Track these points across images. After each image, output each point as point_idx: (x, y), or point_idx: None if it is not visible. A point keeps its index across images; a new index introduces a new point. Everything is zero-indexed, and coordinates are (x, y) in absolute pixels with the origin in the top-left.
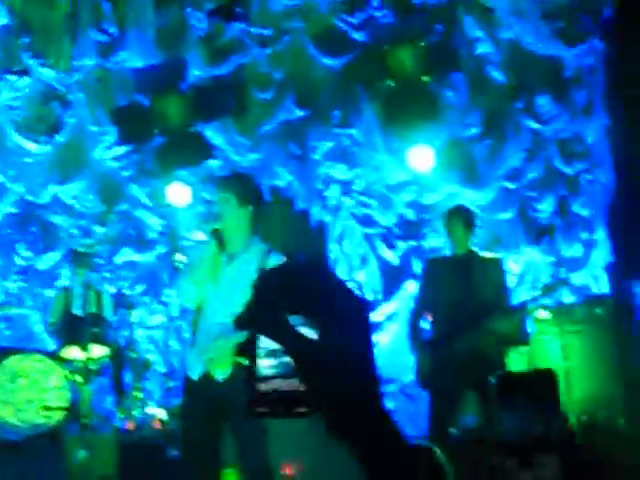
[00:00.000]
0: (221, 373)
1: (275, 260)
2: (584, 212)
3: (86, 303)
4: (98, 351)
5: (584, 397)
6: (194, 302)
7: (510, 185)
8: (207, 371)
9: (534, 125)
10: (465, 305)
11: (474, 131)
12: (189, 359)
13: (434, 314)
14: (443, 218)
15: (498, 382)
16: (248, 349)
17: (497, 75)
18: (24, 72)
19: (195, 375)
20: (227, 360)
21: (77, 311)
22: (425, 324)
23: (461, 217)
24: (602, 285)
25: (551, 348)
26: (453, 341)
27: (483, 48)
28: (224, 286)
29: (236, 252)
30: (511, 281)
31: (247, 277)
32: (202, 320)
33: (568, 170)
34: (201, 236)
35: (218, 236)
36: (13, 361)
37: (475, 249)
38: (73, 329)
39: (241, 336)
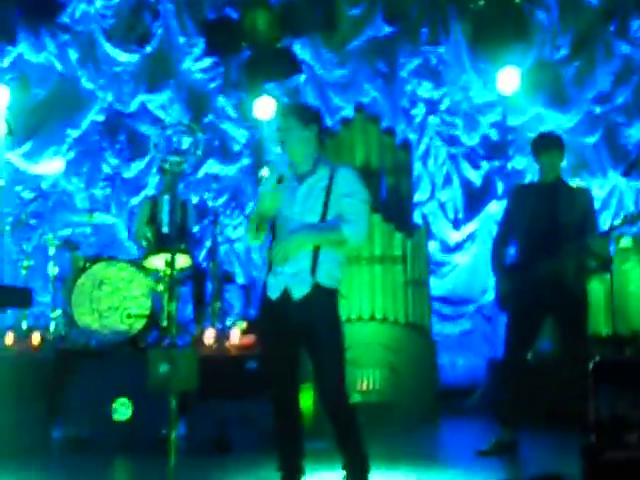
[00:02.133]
0: (298, 292)
1: (344, 175)
2: None
3: (171, 215)
4: (181, 261)
5: None
6: (260, 242)
7: (597, 109)
8: (286, 290)
9: (625, 49)
10: (550, 232)
11: (563, 53)
12: (267, 280)
13: (518, 239)
14: (532, 145)
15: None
16: None
17: None
18: None
19: (274, 295)
20: (306, 282)
21: (161, 221)
22: (509, 248)
23: (550, 145)
24: None
25: (632, 276)
26: (534, 266)
27: None
28: (297, 208)
29: (304, 173)
30: (595, 206)
31: (317, 197)
32: (276, 242)
33: None
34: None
35: (276, 172)
36: (99, 268)
37: (563, 177)
38: (157, 239)
39: (314, 232)
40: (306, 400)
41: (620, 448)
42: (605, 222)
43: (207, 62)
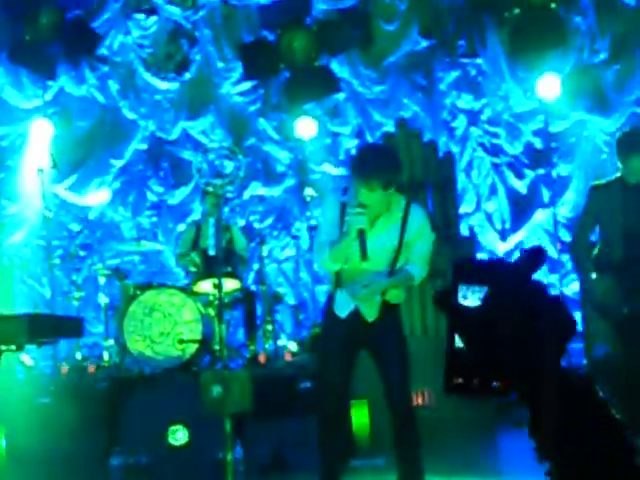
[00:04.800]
0: (371, 315)
1: (416, 214)
2: None
3: (217, 238)
4: (230, 285)
5: None
6: (333, 271)
7: None
8: (357, 310)
9: None
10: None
11: (602, 57)
12: (338, 298)
13: (607, 240)
14: (619, 145)
15: None
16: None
17: None
18: (151, 11)
19: (343, 313)
20: (376, 304)
21: (208, 245)
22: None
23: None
24: None
25: None
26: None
27: None
28: (371, 242)
29: (379, 214)
30: None
31: (391, 232)
32: (350, 268)
33: None
34: (329, 168)
35: (362, 239)
36: (149, 296)
37: None
38: (205, 263)
39: (389, 284)
40: (362, 417)
41: None
42: None
43: (246, 85)
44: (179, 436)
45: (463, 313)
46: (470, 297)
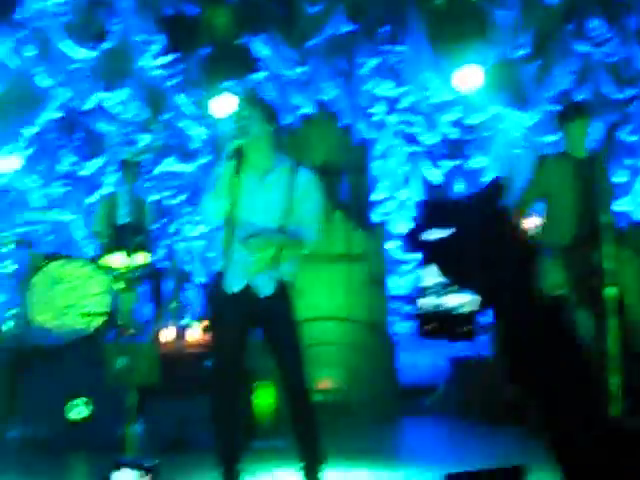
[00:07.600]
0: (265, 289)
1: (304, 175)
2: (632, 138)
3: (129, 212)
4: (139, 259)
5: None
6: (218, 217)
7: (557, 108)
8: (248, 286)
9: (584, 48)
10: (587, 213)
11: (523, 52)
12: (228, 273)
13: (550, 221)
14: (559, 117)
15: None
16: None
17: None
18: None
19: (235, 288)
20: (271, 278)
21: (121, 219)
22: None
23: (582, 116)
24: None
25: None
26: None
27: None
28: (257, 204)
29: (265, 170)
30: None
31: (278, 194)
32: (235, 236)
33: (617, 95)
34: None
35: (239, 154)
36: (55, 266)
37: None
38: (116, 237)
39: (281, 240)
40: (267, 398)
41: None
42: None
43: (166, 59)
44: (79, 410)
45: (434, 247)
46: (439, 233)
